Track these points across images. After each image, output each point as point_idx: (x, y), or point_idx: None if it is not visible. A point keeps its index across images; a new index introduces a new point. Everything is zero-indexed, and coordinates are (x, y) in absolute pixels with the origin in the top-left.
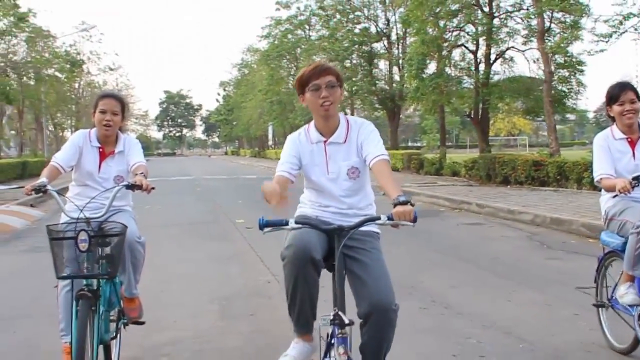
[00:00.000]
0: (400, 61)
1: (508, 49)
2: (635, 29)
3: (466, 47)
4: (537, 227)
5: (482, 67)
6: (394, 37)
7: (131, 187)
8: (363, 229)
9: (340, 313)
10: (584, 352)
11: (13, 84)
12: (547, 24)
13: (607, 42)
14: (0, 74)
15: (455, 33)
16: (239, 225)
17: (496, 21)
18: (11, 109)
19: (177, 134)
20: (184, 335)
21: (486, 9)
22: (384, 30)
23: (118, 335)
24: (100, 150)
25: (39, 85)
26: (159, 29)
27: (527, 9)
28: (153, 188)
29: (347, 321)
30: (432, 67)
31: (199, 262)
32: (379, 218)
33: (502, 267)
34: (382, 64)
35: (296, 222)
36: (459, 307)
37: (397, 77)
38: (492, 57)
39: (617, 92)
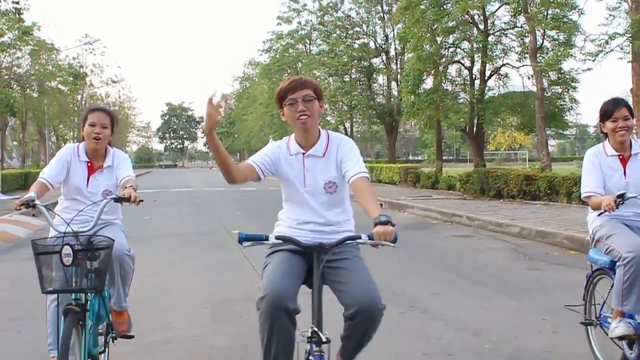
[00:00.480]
0: (399, 76)
1: (503, 65)
2: (621, 48)
3: (462, 64)
4: (523, 240)
5: (477, 82)
6: (392, 52)
7: (119, 200)
8: None
9: (317, 331)
10: (544, 353)
11: (17, 97)
12: (541, 41)
13: (593, 60)
14: (4, 86)
15: (451, 49)
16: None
17: (491, 38)
18: (14, 120)
19: (179, 146)
20: (178, 335)
21: (481, 27)
22: (383, 46)
23: (106, 350)
24: (89, 164)
25: (42, 98)
26: (161, 42)
27: (521, 27)
28: (141, 200)
29: (324, 339)
30: (429, 83)
31: (195, 270)
32: (360, 237)
33: (483, 277)
34: (381, 79)
35: (276, 238)
36: (436, 312)
37: (395, 92)
38: (487, 73)
39: (611, 109)
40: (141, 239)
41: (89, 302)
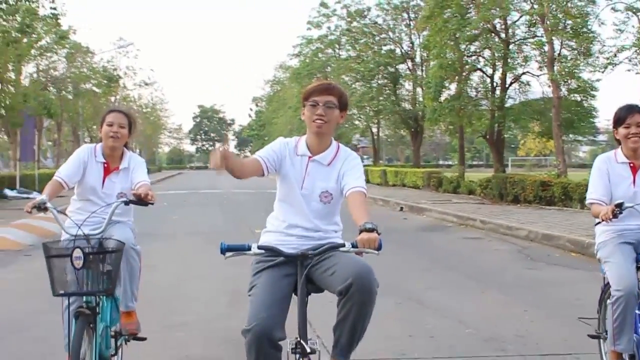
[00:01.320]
0: (424, 82)
1: (523, 73)
2: (630, 60)
3: (483, 72)
4: (530, 242)
5: (498, 90)
6: (418, 59)
7: (129, 202)
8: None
9: (302, 341)
10: (516, 337)
11: (53, 99)
12: (559, 50)
13: (602, 72)
14: (41, 89)
15: (473, 58)
16: (258, 235)
17: (512, 47)
18: (49, 121)
19: (210, 148)
20: (197, 318)
21: (503, 35)
22: (409, 52)
23: (119, 352)
24: (105, 165)
25: (77, 100)
26: (194, 45)
27: (541, 36)
28: (152, 203)
29: (308, 349)
30: (452, 89)
31: (216, 264)
32: (343, 245)
33: (482, 274)
34: (407, 85)
35: (259, 248)
36: (428, 303)
37: (420, 98)
38: (508, 81)
39: (624, 115)
40: (169, 237)
41: (99, 304)
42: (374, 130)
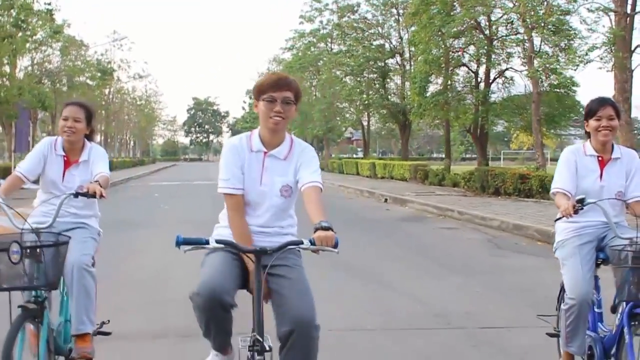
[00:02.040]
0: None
1: (506, 69)
2: (601, 59)
3: (468, 67)
4: (502, 232)
5: (482, 85)
6: (406, 54)
7: (78, 195)
8: None
9: (259, 338)
10: (463, 313)
11: (48, 92)
12: (539, 46)
13: (575, 69)
14: (36, 82)
15: (458, 53)
16: None
17: (495, 43)
18: (43, 113)
19: (204, 140)
20: (179, 295)
21: (487, 32)
22: (397, 48)
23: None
24: (65, 159)
25: (71, 92)
26: (188, 38)
27: (523, 34)
28: (103, 196)
29: (267, 347)
30: (439, 84)
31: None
32: (302, 242)
33: (449, 261)
34: (397, 79)
35: (217, 242)
36: (391, 285)
37: (409, 92)
38: (492, 77)
39: (596, 107)
40: (157, 226)
41: (47, 299)
42: (365, 123)
